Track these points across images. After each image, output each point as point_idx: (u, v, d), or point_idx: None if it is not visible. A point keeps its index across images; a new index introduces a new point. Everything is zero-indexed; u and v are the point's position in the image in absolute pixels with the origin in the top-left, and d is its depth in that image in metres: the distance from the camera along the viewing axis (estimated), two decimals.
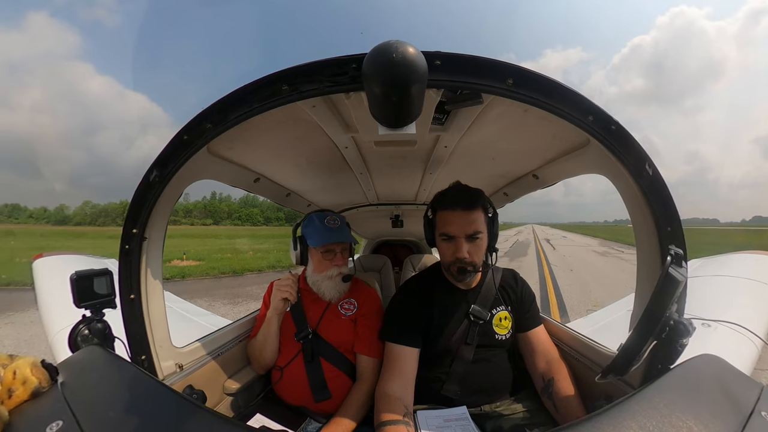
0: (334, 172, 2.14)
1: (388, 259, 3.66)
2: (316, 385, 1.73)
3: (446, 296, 1.69)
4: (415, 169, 2.11)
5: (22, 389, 0.78)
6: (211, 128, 1.06)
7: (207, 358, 1.71)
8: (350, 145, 1.67)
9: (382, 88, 0.79)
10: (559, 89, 0.96)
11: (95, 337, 1.21)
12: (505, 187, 2.25)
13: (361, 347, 1.79)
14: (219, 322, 3.61)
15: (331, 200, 2.90)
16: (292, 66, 0.96)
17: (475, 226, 1.52)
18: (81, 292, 1.21)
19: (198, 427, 0.68)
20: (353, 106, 1.21)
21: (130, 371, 0.96)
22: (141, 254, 1.28)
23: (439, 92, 1.07)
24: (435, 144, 1.67)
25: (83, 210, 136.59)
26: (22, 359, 0.84)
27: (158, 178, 1.15)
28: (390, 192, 2.80)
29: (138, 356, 1.31)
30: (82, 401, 0.80)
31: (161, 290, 1.42)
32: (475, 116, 1.34)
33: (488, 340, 1.65)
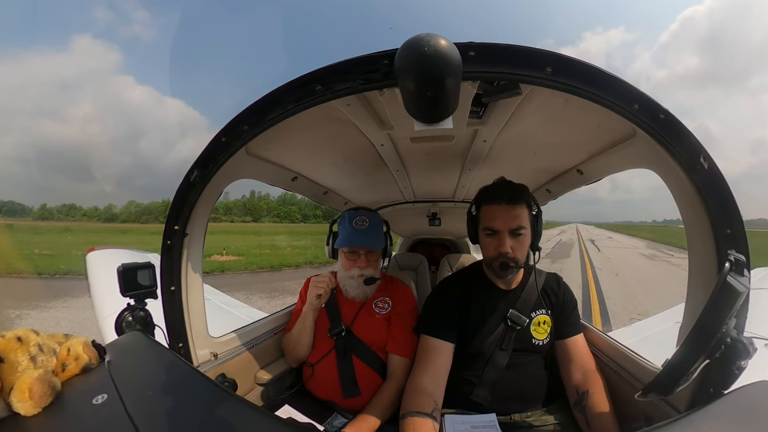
0: (370, 170, 2.15)
1: (424, 258, 3.62)
2: (346, 382, 1.75)
3: (485, 296, 1.66)
4: (453, 165, 2.08)
5: (74, 364, 0.87)
6: (248, 130, 1.11)
7: (241, 348, 1.78)
8: (386, 142, 1.66)
9: (416, 83, 0.78)
10: (601, 76, 0.91)
11: (138, 323, 1.32)
12: (547, 183, 2.17)
13: (393, 346, 1.79)
14: (255, 314, 3.72)
15: (368, 198, 2.90)
16: (325, 66, 0.97)
17: (518, 221, 1.50)
18: (126, 282, 1.33)
19: (227, 413, 0.72)
20: (387, 102, 1.21)
21: (167, 357, 1.02)
22: (182, 249, 1.36)
23: (475, 84, 1.05)
24: (473, 139, 1.65)
25: (129, 209, 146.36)
26: (76, 338, 0.94)
27: (199, 178, 1.21)
28: (427, 189, 2.78)
29: (176, 343, 1.40)
30: (124, 379, 0.87)
31: (201, 283, 1.50)
32: (513, 108, 1.30)
33: (525, 344, 1.61)
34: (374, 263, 1.85)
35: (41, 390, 0.74)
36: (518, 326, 1.59)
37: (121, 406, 0.74)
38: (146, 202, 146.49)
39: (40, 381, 0.75)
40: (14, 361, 0.76)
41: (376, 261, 1.87)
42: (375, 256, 1.85)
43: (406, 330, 1.80)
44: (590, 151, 1.63)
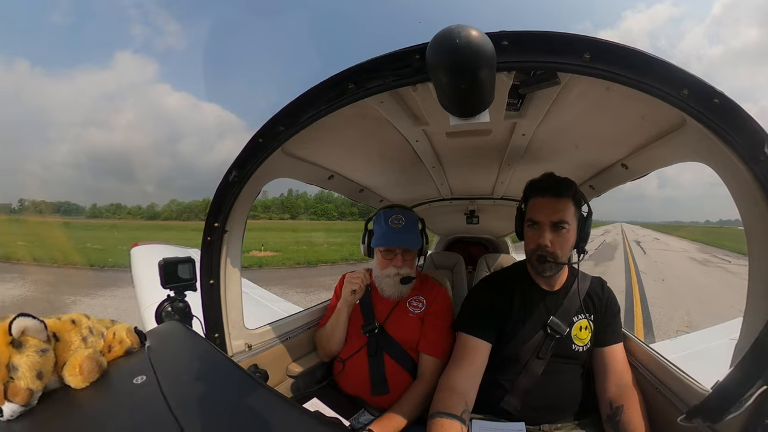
0: (406, 167, 2.13)
1: (461, 257, 3.55)
2: (375, 379, 1.76)
3: (527, 297, 1.62)
4: (491, 160, 2.04)
5: (118, 347, 0.96)
6: (283, 130, 1.15)
7: (275, 340, 1.85)
8: (421, 138, 1.66)
9: (449, 77, 0.76)
10: (644, 59, 0.84)
11: (176, 314, 1.41)
12: (591, 179, 2.08)
13: (425, 346, 1.78)
14: (291, 308, 3.84)
15: (404, 195, 2.88)
16: (356, 64, 0.97)
17: (561, 215, 1.46)
18: (167, 275, 1.42)
19: (257, 402, 0.75)
20: (421, 98, 1.20)
21: (203, 345, 1.08)
22: (222, 245, 1.43)
23: (510, 75, 1.02)
24: (511, 132, 1.60)
25: (170, 207, 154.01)
26: (121, 324, 1.03)
27: (237, 178, 1.28)
28: (465, 186, 2.73)
29: (212, 333, 1.48)
30: (162, 364, 0.93)
31: (239, 277, 1.57)
32: (552, 99, 1.25)
33: (564, 350, 1.56)
34: (410, 262, 1.85)
35: (90, 367, 0.82)
36: (558, 335, 1.54)
37: (158, 388, 0.80)
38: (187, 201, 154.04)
39: (89, 359, 0.83)
40: (68, 341, 0.85)
41: (413, 260, 1.87)
42: (411, 255, 1.85)
43: (439, 330, 1.80)
44: (635, 144, 1.54)
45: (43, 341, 0.78)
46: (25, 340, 0.75)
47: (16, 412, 0.70)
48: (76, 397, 0.78)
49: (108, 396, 0.81)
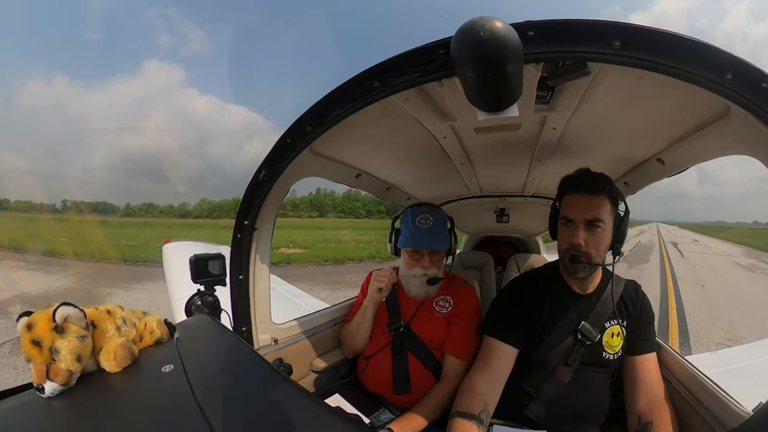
0: (434, 164, 2.12)
1: (490, 257, 3.49)
2: (398, 378, 1.76)
3: (558, 300, 1.56)
4: (521, 156, 1.99)
5: (149, 337, 1.02)
6: (310, 130, 1.18)
7: (301, 336, 1.88)
8: (448, 134, 1.65)
9: (475, 71, 0.74)
10: (680, 43, 0.78)
11: (206, 307, 1.46)
12: (625, 175, 1.99)
13: (450, 347, 1.77)
14: (317, 304, 3.88)
15: (431, 193, 2.85)
16: (380, 61, 0.98)
17: (596, 213, 1.39)
18: (197, 270, 1.48)
19: (280, 394, 0.77)
20: (447, 93, 1.20)
21: (230, 338, 1.11)
22: (251, 242, 1.49)
23: (538, 66, 0.99)
24: (542, 126, 1.56)
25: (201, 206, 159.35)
26: (152, 316, 1.09)
27: (266, 177, 1.32)
28: (494, 183, 2.68)
29: (239, 327, 1.55)
30: (189, 354, 0.97)
31: (267, 273, 1.63)
32: (583, 90, 1.21)
33: (593, 357, 1.50)
34: (438, 263, 1.83)
35: (122, 354, 0.89)
36: (588, 341, 1.48)
37: (184, 377, 0.84)
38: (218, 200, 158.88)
39: (122, 347, 0.90)
40: (104, 329, 0.92)
41: (440, 260, 1.85)
42: (439, 255, 1.84)
43: (465, 331, 1.78)
44: (673, 136, 1.46)
45: (82, 328, 0.85)
46: (67, 327, 0.82)
47: (56, 390, 0.77)
48: (109, 380, 0.85)
49: (138, 381, 0.87)
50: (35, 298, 10.29)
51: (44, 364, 0.77)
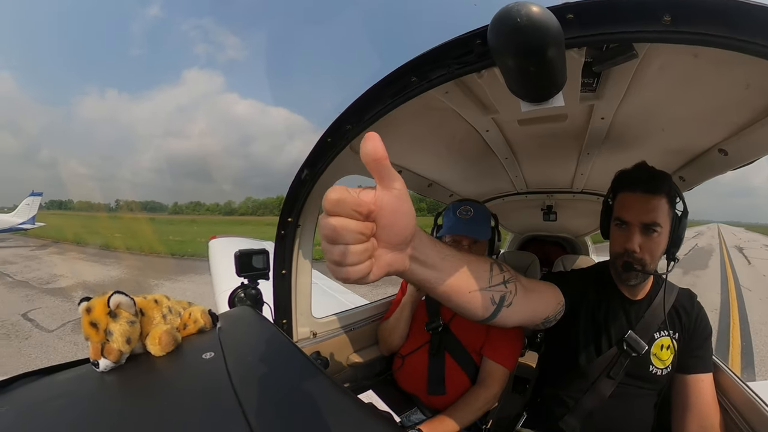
0: (477, 159, 2.08)
1: (536, 258, 3.39)
2: (433, 378, 1.74)
3: (605, 303, 1.45)
4: (569, 149, 1.90)
5: (192, 326, 1.09)
6: (350, 129, 1.19)
7: (339, 330, 1.92)
8: (491, 127, 1.61)
9: (515, 60, 0.72)
10: (742, 10, 0.65)
11: (248, 300, 1.52)
12: (681, 168, 1.83)
13: (489, 350, 1.72)
14: (357, 300, 3.95)
15: (475, 189, 2.80)
16: (417, 55, 0.97)
17: (653, 216, 1.27)
18: (242, 265, 1.55)
19: (314, 387, 0.79)
20: (488, 84, 1.17)
21: (271, 330, 1.16)
22: (294, 238, 1.55)
23: (581, 52, 0.94)
24: (589, 116, 1.48)
25: (246, 204, 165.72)
26: (196, 306, 1.16)
27: (309, 176, 1.36)
28: (541, 178, 2.58)
29: (280, 320, 1.61)
30: (230, 344, 1.02)
31: (310, 269, 1.68)
32: (631, 75, 1.12)
33: (639, 371, 1.38)
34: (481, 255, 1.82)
35: (167, 340, 0.97)
36: (634, 353, 1.36)
37: (223, 365, 0.89)
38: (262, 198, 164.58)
39: (167, 333, 0.98)
40: (151, 316, 1.00)
41: (481, 253, 1.81)
42: (479, 248, 1.80)
43: (506, 335, 1.72)
44: (737, 122, 1.30)
45: (132, 315, 0.94)
46: (119, 312, 0.91)
47: (108, 366, 0.88)
48: (154, 362, 0.93)
49: (179, 365, 0.94)
50: (93, 286, 12.28)
51: (99, 343, 0.88)
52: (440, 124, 1.58)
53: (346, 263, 0.55)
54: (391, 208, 0.58)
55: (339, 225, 0.53)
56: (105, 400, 0.82)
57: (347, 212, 0.54)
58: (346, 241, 0.54)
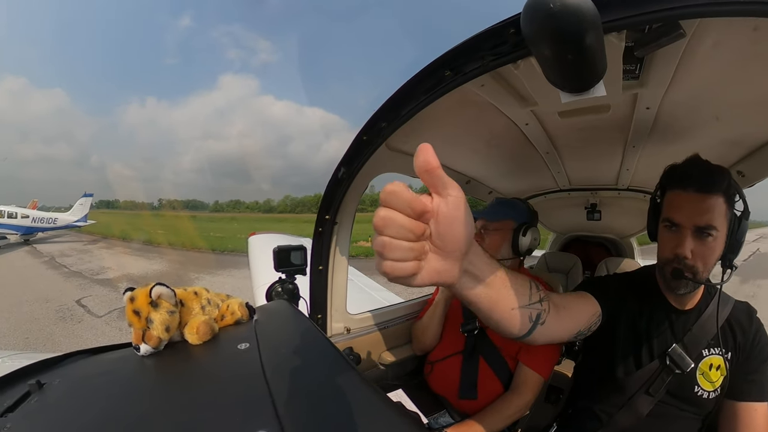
0: (516, 154, 2.04)
1: (578, 260, 3.26)
2: (465, 382, 1.72)
3: (648, 310, 1.32)
4: (613, 143, 1.81)
5: (230, 317, 1.14)
6: (386, 126, 1.20)
7: (373, 328, 1.95)
8: (530, 120, 1.57)
9: (551, 48, 0.70)
10: None
11: (285, 294, 1.57)
12: (740, 162, 1.68)
13: (525, 356, 1.67)
14: (392, 298, 3.96)
15: (515, 186, 2.73)
16: (450, 49, 0.95)
17: (708, 218, 1.12)
18: (280, 260, 1.60)
19: (344, 382, 0.80)
20: (525, 75, 1.13)
21: (305, 324, 1.18)
22: (332, 235, 1.59)
23: (621, 36, 0.87)
24: (633, 106, 1.39)
25: (285, 202, 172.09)
26: (234, 299, 1.21)
27: (345, 175, 1.39)
28: (584, 174, 2.49)
29: (315, 314, 1.66)
30: (265, 335, 1.05)
31: (346, 265, 1.72)
32: (678, 57, 1.03)
33: (682, 390, 1.25)
34: (489, 242, 1.77)
35: (204, 330, 1.02)
36: (678, 370, 1.23)
37: (257, 355, 0.92)
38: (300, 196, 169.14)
39: (204, 323, 1.03)
40: (190, 307, 1.06)
41: (493, 240, 1.78)
42: (493, 235, 1.77)
43: None
44: None
45: (172, 305, 1.00)
46: (160, 302, 0.97)
47: (148, 351, 0.94)
48: (191, 350, 0.99)
49: (215, 354, 0.98)
50: (137, 278, 13.92)
51: (141, 330, 0.94)
52: (477, 119, 1.56)
53: (387, 256, 0.55)
54: (446, 216, 0.57)
55: (386, 215, 0.54)
56: (143, 381, 0.89)
57: (399, 206, 0.55)
58: (390, 233, 0.55)
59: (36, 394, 0.80)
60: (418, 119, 1.17)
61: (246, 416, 0.68)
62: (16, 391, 0.80)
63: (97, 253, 21.50)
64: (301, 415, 0.70)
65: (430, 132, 1.59)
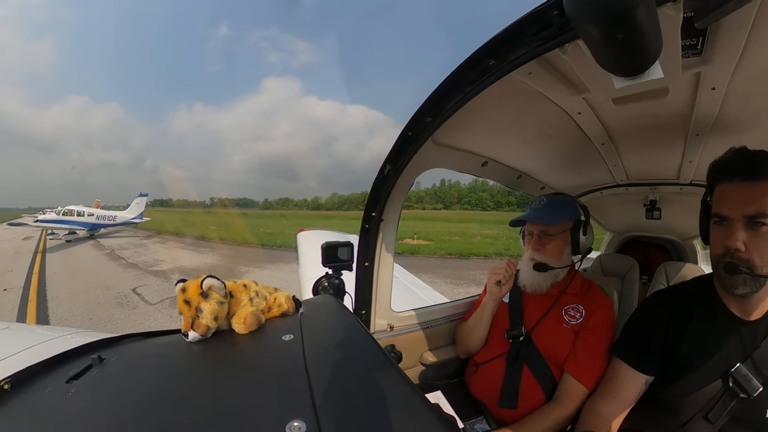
0: (570, 146, 1.94)
1: (635, 263, 3.01)
2: (507, 390, 1.67)
3: (708, 324, 1.22)
4: (674, 131, 1.67)
5: (276, 309, 1.20)
6: (431, 121, 1.20)
7: (416, 326, 1.95)
8: (583, 109, 1.49)
9: (599, 28, 0.64)
10: None
11: (331, 289, 1.63)
12: None
13: (571, 366, 1.59)
14: (437, 297, 3.96)
15: (569, 181, 2.60)
16: (492, 36, 0.92)
17: (759, 206, 1.05)
18: (327, 256, 1.67)
19: (384, 379, 0.81)
20: (574, 60, 1.06)
21: (350, 319, 1.20)
22: (378, 232, 1.62)
23: (677, 6, 0.76)
24: (696, 88, 1.26)
25: (332, 200, 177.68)
26: (282, 292, 1.27)
27: (391, 172, 1.40)
28: (643, 168, 2.32)
29: (359, 310, 1.69)
30: (310, 328, 1.09)
31: (392, 262, 1.74)
32: (749, 24, 0.90)
33: (748, 417, 1.14)
34: (551, 248, 1.71)
35: (251, 320, 1.08)
36: (743, 393, 1.12)
37: (301, 347, 0.95)
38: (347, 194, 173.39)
39: (251, 314, 1.09)
40: (239, 299, 1.13)
41: (555, 246, 1.71)
42: (552, 239, 1.70)
43: (592, 351, 1.58)
44: None
45: (222, 296, 1.06)
46: (210, 293, 1.04)
47: (196, 338, 1.01)
48: (237, 339, 1.05)
49: (260, 344, 1.04)
50: (189, 270, 15.22)
51: (191, 318, 1.01)
52: (527, 109, 1.50)
53: None
54: None
55: None
56: (190, 366, 0.96)
57: None
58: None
59: (96, 367, 0.91)
60: (464, 112, 1.15)
61: (283, 405, 0.71)
62: (81, 363, 0.92)
63: (152, 247, 23.69)
64: (338, 409, 0.71)
65: (477, 125, 1.56)
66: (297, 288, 3.85)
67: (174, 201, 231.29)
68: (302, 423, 0.64)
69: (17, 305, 9.79)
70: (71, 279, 13.25)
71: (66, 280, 13.13)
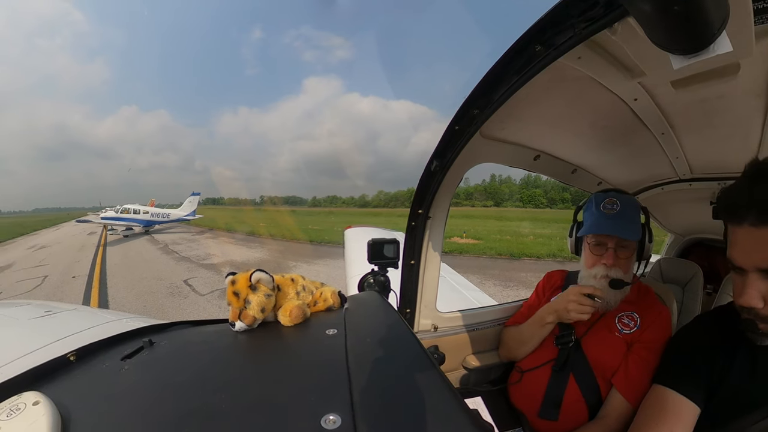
0: (627, 137, 1.79)
1: (699, 269, 2.77)
2: (549, 400, 1.60)
3: (764, 353, 1.11)
4: (746, 115, 1.46)
5: (322, 304, 1.25)
6: (478, 113, 1.17)
7: (461, 328, 1.93)
8: (640, 95, 1.37)
9: (651, 1, 0.56)
10: None
11: (377, 285, 1.65)
12: None
13: (620, 381, 1.49)
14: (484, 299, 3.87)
15: (627, 175, 2.43)
16: (536, 21, 0.90)
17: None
18: (373, 253, 1.68)
19: (425, 380, 0.80)
20: (625, 41, 0.98)
21: (394, 317, 1.21)
22: (425, 230, 1.61)
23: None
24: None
25: (378, 197, 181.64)
26: (327, 287, 1.31)
27: (438, 167, 1.39)
28: (709, 159, 2.07)
29: (404, 308, 1.70)
30: (354, 324, 1.12)
31: (438, 261, 1.73)
32: None
33: None
34: (625, 262, 1.58)
35: (297, 313, 1.12)
36: None
37: (344, 342, 0.98)
38: (393, 191, 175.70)
39: (297, 307, 1.13)
40: (286, 292, 1.19)
41: (628, 259, 1.59)
42: (627, 252, 1.58)
43: (644, 366, 1.47)
44: None
45: (269, 289, 1.12)
46: (259, 286, 1.10)
47: (242, 328, 1.07)
48: (282, 330, 1.10)
49: (304, 336, 1.07)
50: (239, 264, 16.61)
51: (239, 309, 1.07)
52: (579, 97, 1.42)
53: None
54: None
55: None
56: (234, 354, 1.01)
57: None
58: None
59: (147, 350, 1.01)
60: (512, 103, 1.12)
61: (321, 398, 0.73)
62: (134, 344, 1.03)
63: (204, 242, 25.88)
64: (375, 406, 0.72)
65: (527, 116, 1.52)
66: (343, 283, 3.94)
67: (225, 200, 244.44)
68: (338, 417, 0.66)
69: (83, 290, 11.53)
70: (128, 270, 14.87)
71: (123, 270, 14.87)
